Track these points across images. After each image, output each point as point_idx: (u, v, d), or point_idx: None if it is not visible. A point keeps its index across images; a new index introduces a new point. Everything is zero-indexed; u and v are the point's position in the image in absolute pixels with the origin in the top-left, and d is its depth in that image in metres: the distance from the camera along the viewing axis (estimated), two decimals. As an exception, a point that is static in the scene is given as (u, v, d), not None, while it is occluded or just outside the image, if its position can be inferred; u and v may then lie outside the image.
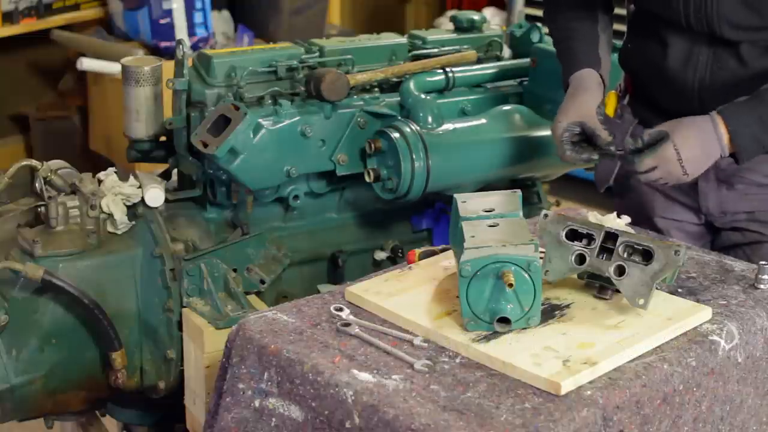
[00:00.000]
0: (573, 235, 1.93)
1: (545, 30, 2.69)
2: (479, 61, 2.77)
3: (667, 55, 2.19)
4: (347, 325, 1.85)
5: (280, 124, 2.44)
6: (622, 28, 2.41)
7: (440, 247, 2.15)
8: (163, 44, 4.50)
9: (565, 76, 2.30)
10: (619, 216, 2.13)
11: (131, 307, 2.41)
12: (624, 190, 2.41)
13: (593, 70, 2.26)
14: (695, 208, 2.30)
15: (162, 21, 4.53)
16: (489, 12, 5.43)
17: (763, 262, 2.01)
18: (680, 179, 2.12)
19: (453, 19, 2.88)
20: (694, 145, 2.08)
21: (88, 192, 2.40)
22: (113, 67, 4.32)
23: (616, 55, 2.43)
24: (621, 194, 2.42)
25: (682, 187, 2.28)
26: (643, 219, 2.34)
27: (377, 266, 2.60)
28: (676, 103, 2.23)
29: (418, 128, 2.48)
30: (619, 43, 2.46)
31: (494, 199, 2.00)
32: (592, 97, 2.22)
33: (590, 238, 1.92)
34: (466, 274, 1.78)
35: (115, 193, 2.43)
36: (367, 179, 2.49)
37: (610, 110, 2.38)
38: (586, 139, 2.19)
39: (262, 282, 2.46)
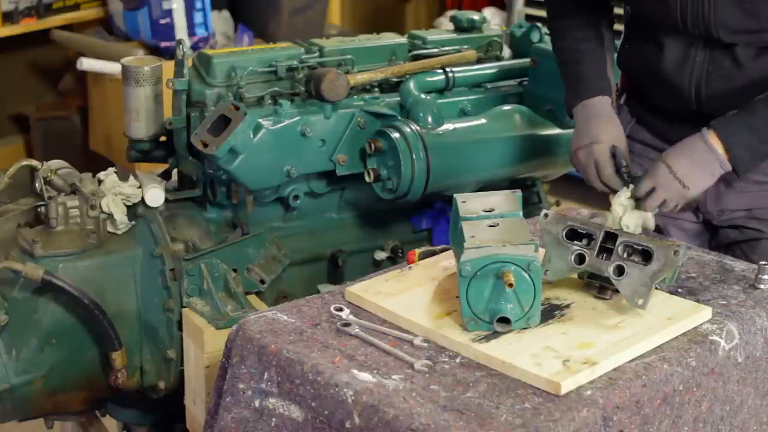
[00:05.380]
0: (573, 235, 1.93)
1: (545, 30, 2.68)
2: (479, 61, 2.78)
3: (663, 57, 2.19)
4: (347, 325, 1.85)
5: (280, 124, 2.44)
6: (620, 27, 2.41)
7: (440, 247, 2.14)
8: (163, 44, 4.50)
9: (574, 99, 2.25)
10: None
11: (131, 307, 2.41)
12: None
13: (608, 97, 2.24)
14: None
15: (162, 21, 4.53)
16: (489, 12, 5.42)
17: (763, 262, 2.01)
18: (684, 195, 2.08)
19: (453, 19, 2.88)
20: (685, 158, 2.08)
21: (88, 192, 2.40)
22: (113, 67, 4.32)
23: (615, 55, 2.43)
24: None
25: None
26: None
27: (377, 266, 2.60)
28: (672, 102, 2.23)
29: (418, 128, 2.48)
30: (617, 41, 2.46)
31: (494, 199, 2.00)
32: (620, 129, 2.21)
33: (590, 237, 1.92)
34: (466, 274, 1.78)
35: (115, 193, 2.43)
36: (367, 179, 2.49)
37: None
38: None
39: (262, 282, 2.45)
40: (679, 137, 2.23)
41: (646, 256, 1.87)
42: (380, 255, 2.65)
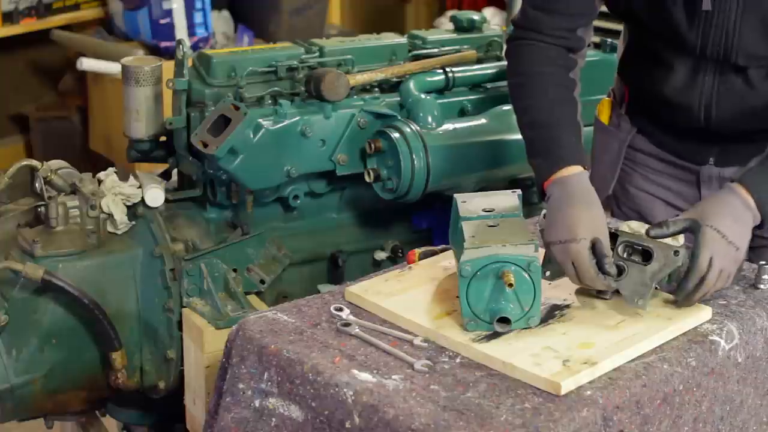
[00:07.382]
0: (573, 235, 1.93)
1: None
2: (479, 61, 2.77)
3: (671, 77, 2.14)
4: (347, 325, 1.85)
5: (280, 124, 2.44)
6: (619, 27, 2.38)
7: (440, 247, 2.14)
8: (163, 44, 4.49)
9: (549, 170, 1.98)
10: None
11: (131, 307, 2.41)
12: (623, 198, 2.38)
13: (587, 171, 1.98)
14: None
15: (162, 21, 4.53)
16: (489, 12, 5.42)
17: (763, 262, 2.01)
18: (737, 258, 1.89)
19: (453, 19, 2.88)
20: (730, 219, 1.90)
21: (88, 192, 2.40)
22: (113, 67, 4.32)
23: (613, 56, 2.41)
24: (618, 203, 2.40)
25: (684, 194, 2.27)
26: None
27: (377, 266, 2.60)
28: (679, 119, 2.18)
29: (418, 128, 2.48)
30: (616, 42, 2.44)
31: (494, 199, 2.00)
32: (601, 211, 1.93)
33: (590, 238, 1.91)
34: (466, 274, 1.78)
35: (115, 193, 2.43)
36: (367, 179, 2.49)
37: (604, 119, 2.36)
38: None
39: (262, 282, 2.46)
40: (684, 148, 2.21)
41: (646, 256, 1.87)
42: (380, 255, 2.65)
